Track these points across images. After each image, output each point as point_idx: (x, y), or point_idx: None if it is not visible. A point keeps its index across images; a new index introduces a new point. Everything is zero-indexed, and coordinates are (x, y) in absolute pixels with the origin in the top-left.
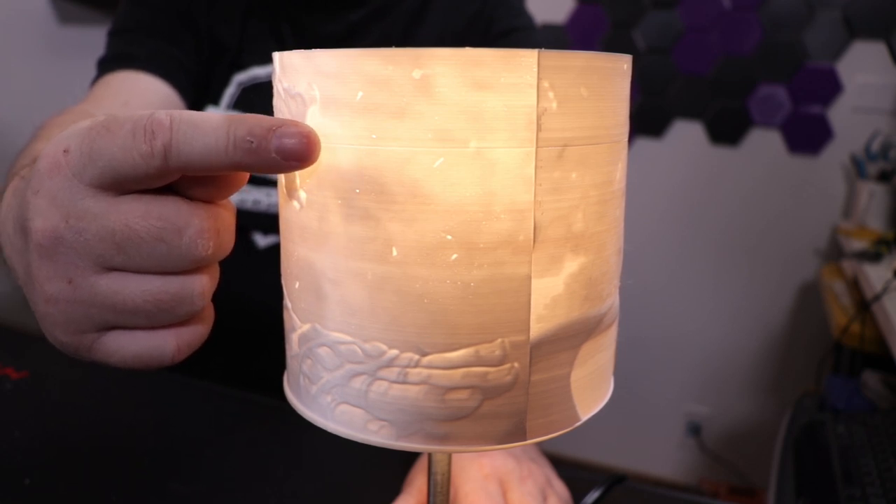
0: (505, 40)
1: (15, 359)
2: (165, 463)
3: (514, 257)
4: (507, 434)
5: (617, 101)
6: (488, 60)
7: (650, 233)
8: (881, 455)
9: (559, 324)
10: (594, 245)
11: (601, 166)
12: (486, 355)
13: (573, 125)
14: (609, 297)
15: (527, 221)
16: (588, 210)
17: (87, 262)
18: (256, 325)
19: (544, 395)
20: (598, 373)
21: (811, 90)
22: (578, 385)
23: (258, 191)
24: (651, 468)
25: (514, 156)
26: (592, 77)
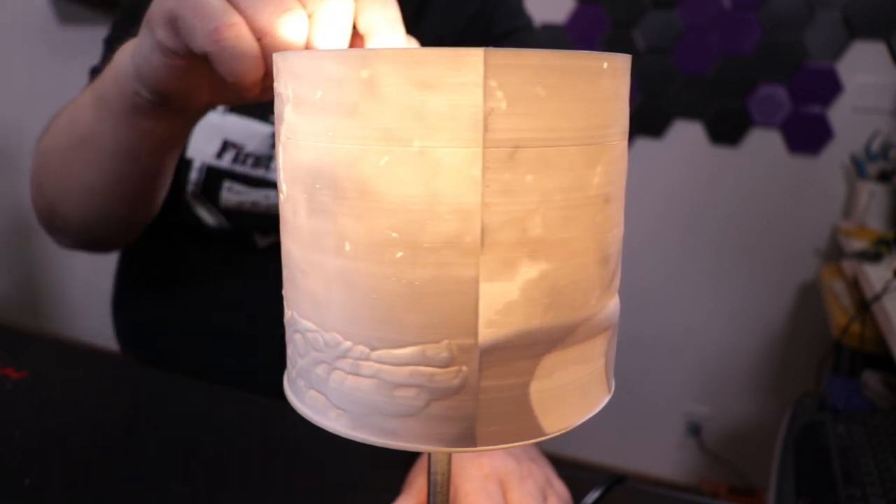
0: (504, 41)
1: (15, 359)
2: (165, 463)
3: (460, 259)
4: (455, 438)
5: (593, 101)
6: (433, 60)
7: (650, 233)
8: (881, 455)
9: (515, 331)
10: (559, 252)
11: (567, 169)
12: (433, 356)
13: (527, 126)
14: (585, 307)
15: (473, 223)
16: (550, 215)
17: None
18: (257, 324)
19: (497, 402)
20: (571, 387)
21: (811, 90)
22: (542, 397)
23: (257, 192)
24: (651, 468)
25: (460, 156)
26: (552, 76)
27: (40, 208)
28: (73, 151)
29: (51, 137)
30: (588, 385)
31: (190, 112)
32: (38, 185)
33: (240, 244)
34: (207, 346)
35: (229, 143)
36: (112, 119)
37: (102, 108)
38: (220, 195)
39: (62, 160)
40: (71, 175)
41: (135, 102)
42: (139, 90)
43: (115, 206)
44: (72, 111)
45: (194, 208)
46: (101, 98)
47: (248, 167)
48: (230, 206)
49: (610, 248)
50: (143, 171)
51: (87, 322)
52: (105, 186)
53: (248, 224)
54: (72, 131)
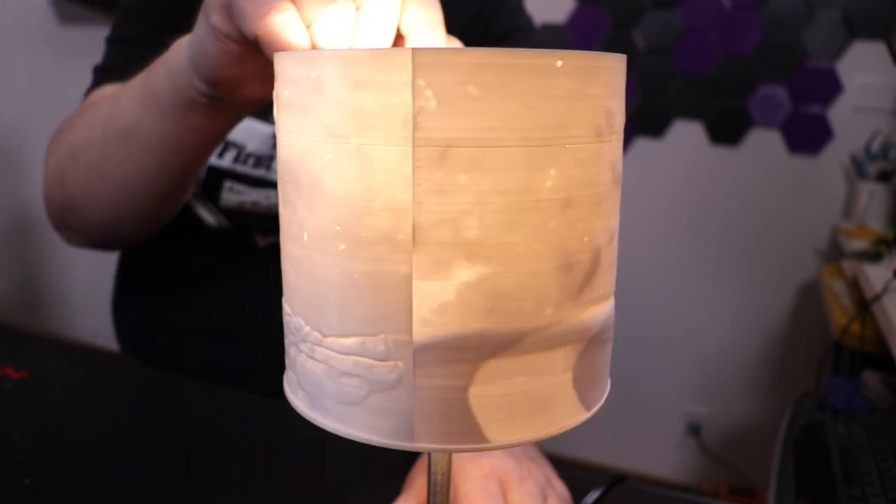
0: (504, 41)
1: (15, 359)
2: (165, 463)
3: (394, 255)
4: (393, 432)
5: (541, 101)
6: (366, 60)
7: (650, 233)
8: (881, 455)
9: (452, 333)
10: (501, 256)
11: (508, 171)
12: (372, 348)
13: (458, 125)
14: (537, 317)
15: (405, 221)
16: (488, 217)
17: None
18: (257, 324)
19: (434, 402)
20: (522, 398)
21: (811, 90)
22: (484, 404)
23: (258, 192)
24: (651, 468)
25: (392, 154)
26: (486, 75)
27: (57, 204)
28: (111, 145)
29: (82, 131)
30: (547, 400)
31: (241, 105)
32: (60, 182)
33: (240, 244)
34: (207, 346)
35: (230, 142)
36: (161, 113)
37: (151, 102)
38: (221, 195)
39: (98, 154)
40: (105, 169)
41: (187, 96)
42: (193, 82)
43: (146, 202)
44: (112, 106)
45: (195, 208)
46: (149, 92)
47: (248, 167)
48: (231, 205)
49: (576, 256)
50: (182, 167)
51: (87, 322)
52: (141, 181)
53: (248, 224)
54: (111, 125)
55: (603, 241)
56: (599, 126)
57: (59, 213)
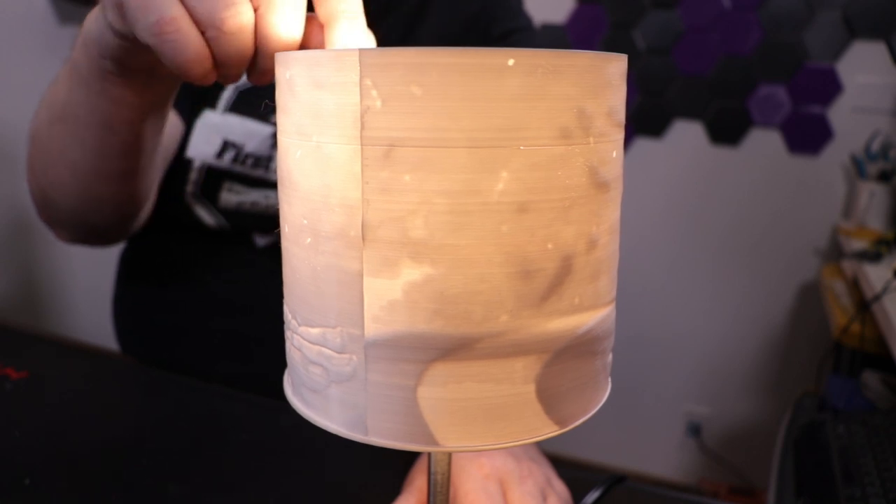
0: (504, 41)
1: (15, 359)
2: (165, 463)
3: (347, 251)
4: (350, 423)
5: (490, 101)
6: (323, 61)
7: (650, 233)
8: (881, 455)
9: (399, 331)
10: (447, 258)
11: (452, 172)
12: (331, 340)
13: (402, 125)
14: (489, 322)
15: (356, 218)
16: (433, 218)
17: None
18: (257, 325)
19: (385, 398)
20: (473, 404)
21: (811, 90)
22: (432, 406)
23: (257, 192)
24: (651, 468)
25: (344, 152)
26: (429, 75)
27: (35, 197)
28: (55, 126)
29: (36, 118)
30: (505, 409)
31: (160, 81)
32: (31, 172)
33: (239, 244)
34: (206, 345)
35: (229, 143)
36: (85, 87)
37: (76, 77)
38: (220, 195)
39: (47, 137)
40: (55, 152)
41: (101, 67)
42: (104, 55)
43: (100, 186)
44: (53, 85)
45: (194, 208)
46: (74, 67)
47: (247, 167)
48: (230, 206)
49: (536, 263)
50: (121, 144)
51: (87, 322)
52: (86, 163)
53: (247, 224)
54: (52, 106)
55: (577, 248)
56: (567, 128)
57: (39, 206)
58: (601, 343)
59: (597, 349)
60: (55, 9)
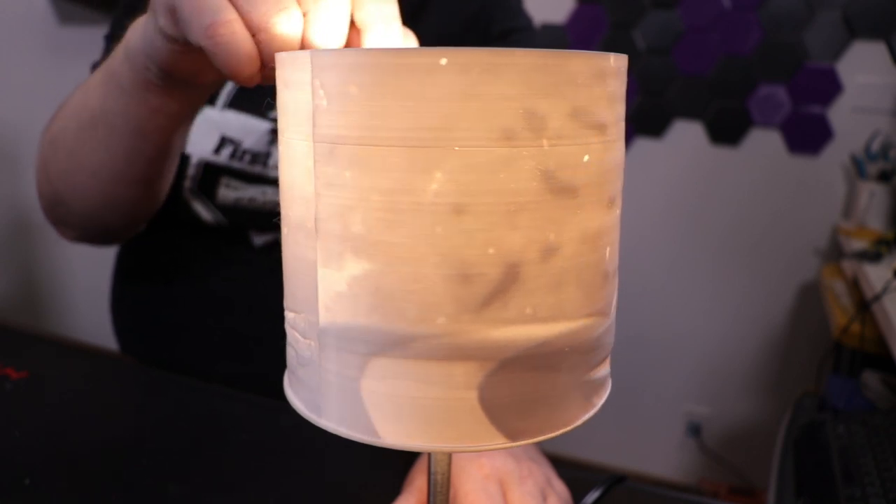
0: (503, 41)
1: (15, 359)
2: (165, 463)
3: (306, 241)
4: (308, 405)
5: (423, 100)
6: (286, 61)
7: (650, 232)
8: (881, 455)
9: (344, 323)
10: (382, 255)
11: (388, 171)
12: (298, 325)
13: (343, 123)
14: (424, 323)
15: (311, 210)
16: (370, 215)
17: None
18: (255, 323)
19: (335, 386)
20: (409, 403)
21: (811, 90)
22: (374, 400)
23: (254, 188)
24: (651, 468)
25: (302, 148)
26: (365, 74)
27: (46, 198)
28: (84, 132)
29: (60, 122)
30: (443, 412)
31: (199, 89)
32: (46, 174)
33: (238, 242)
34: (205, 344)
35: (227, 138)
36: (123, 95)
37: (113, 85)
38: (217, 191)
39: (73, 142)
40: (81, 157)
41: (145, 78)
42: (149, 66)
43: (122, 190)
44: (82, 93)
45: (191, 204)
46: (112, 75)
47: (245, 163)
48: (227, 202)
49: (475, 268)
50: (152, 150)
51: (87, 322)
52: (114, 167)
53: (244, 220)
54: (82, 112)
55: (526, 256)
56: (510, 129)
57: (49, 207)
58: (570, 359)
59: (562, 365)
60: (55, 9)
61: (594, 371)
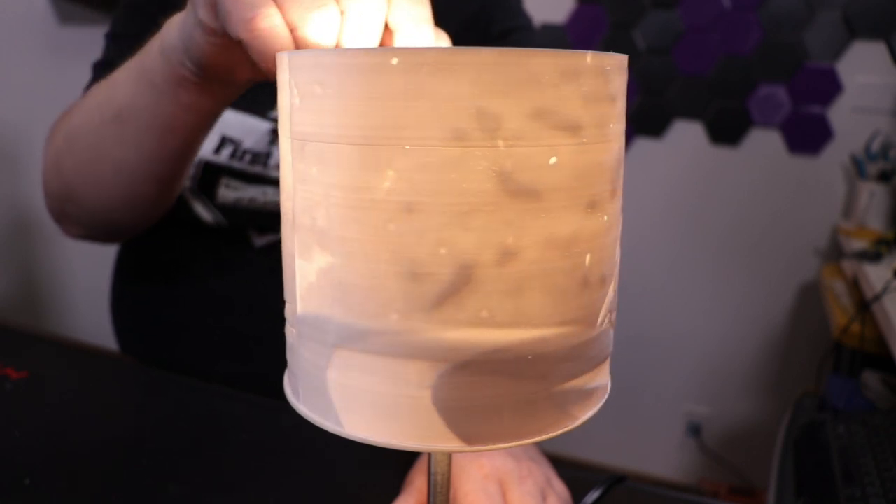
0: (503, 41)
1: (15, 359)
2: (165, 463)
3: (289, 233)
4: (292, 389)
5: (375, 100)
6: (278, 63)
7: (650, 232)
8: (881, 455)
9: (314, 313)
10: (342, 249)
11: (345, 168)
12: (287, 314)
13: (310, 121)
14: (380, 319)
15: (290, 203)
16: (332, 210)
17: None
18: (255, 322)
19: (309, 374)
20: (367, 397)
21: (811, 90)
22: (338, 390)
23: (254, 189)
24: (651, 468)
25: (286, 144)
26: (325, 75)
27: (55, 194)
28: (108, 128)
29: (78, 118)
30: (398, 409)
31: (233, 86)
32: (57, 169)
33: (238, 243)
34: (205, 344)
35: (227, 138)
36: (155, 92)
37: (144, 82)
38: (217, 191)
39: (95, 138)
40: (102, 153)
41: (180, 74)
42: (185, 61)
43: (143, 186)
44: (106, 89)
45: (192, 204)
46: (143, 71)
47: (245, 163)
48: (227, 202)
49: (426, 267)
50: (177, 148)
51: (87, 322)
52: (137, 163)
53: (245, 221)
54: (106, 107)
55: (481, 259)
56: (461, 129)
57: (58, 203)
58: (537, 367)
59: (528, 373)
60: (55, 9)
61: (573, 382)
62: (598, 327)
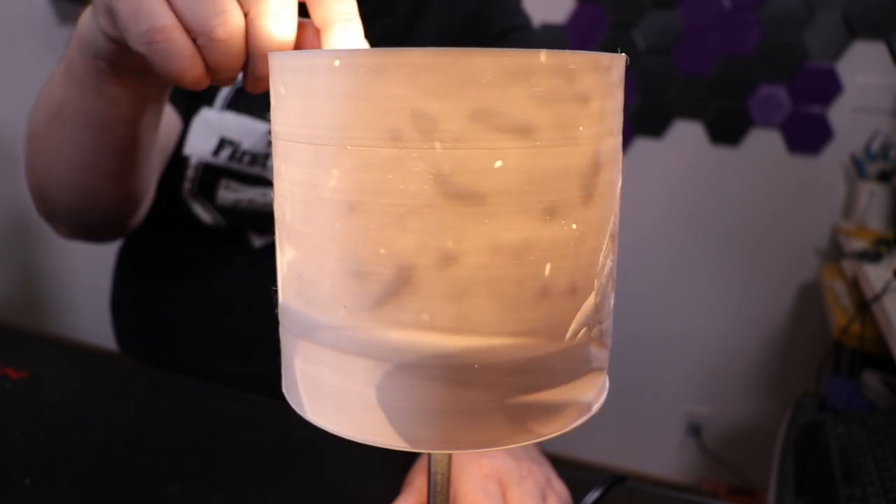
0: (502, 40)
1: (15, 359)
2: (165, 463)
3: (278, 229)
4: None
5: (322, 100)
6: None
7: (650, 233)
8: (881, 455)
9: (284, 303)
10: (301, 244)
11: (300, 166)
12: None
13: (279, 120)
14: (329, 313)
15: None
16: (294, 206)
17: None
18: (255, 323)
19: (286, 361)
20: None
21: (811, 90)
22: (303, 379)
23: (253, 190)
24: (651, 468)
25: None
26: (286, 76)
27: (33, 193)
28: (51, 125)
29: (33, 116)
30: (348, 403)
31: (152, 81)
32: (29, 169)
33: (237, 244)
34: (204, 345)
35: (226, 140)
36: (80, 86)
37: (70, 76)
38: (217, 193)
39: (44, 136)
40: (52, 151)
41: (97, 67)
42: (98, 56)
43: (97, 184)
44: (47, 86)
45: (191, 206)
46: (68, 66)
47: (244, 165)
48: (226, 203)
49: (368, 266)
50: (117, 141)
51: (87, 322)
52: (84, 160)
53: (244, 222)
54: (49, 104)
55: (420, 261)
56: (398, 130)
57: (37, 202)
58: (484, 377)
59: (474, 381)
60: (55, 9)
61: (532, 396)
62: (566, 341)
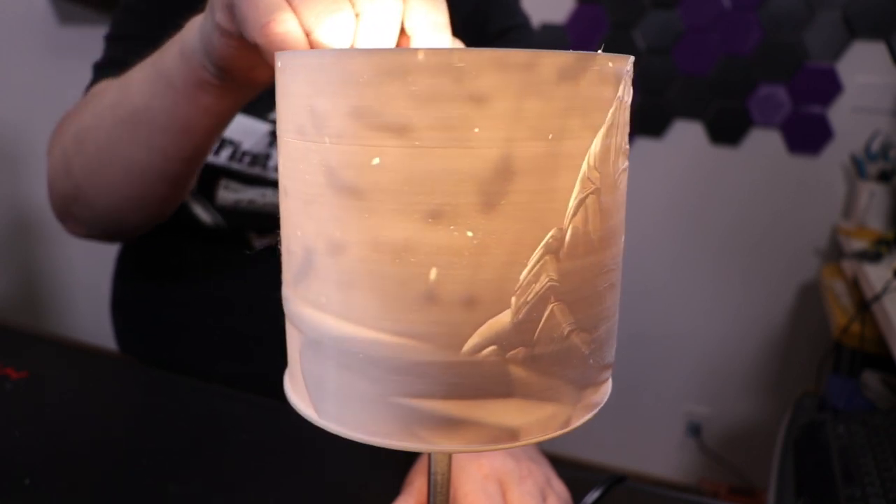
0: (501, 40)
1: (15, 359)
2: (165, 463)
3: None
4: None
5: (281, 97)
6: None
7: (650, 232)
8: (881, 455)
9: None
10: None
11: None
12: None
13: None
14: (284, 286)
15: None
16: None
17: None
18: (255, 323)
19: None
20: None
21: (811, 90)
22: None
23: (253, 190)
24: (651, 468)
25: None
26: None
27: (62, 194)
28: (120, 128)
29: (89, 118)
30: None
31: (252, 88)
32: (66, 169)
33: (237, 244)
34: (204, 345)
35: (226, 140)
36: (173, 94)
37: (162, 83)
38: (217, 193)
39: (106, 138)
40: (113, 153)
41: (200, 77)
42: (206, 65)
43: (153, 187)
44: (119, 89)
45: (191, 206)
46: (161, 73)
47: (244, 165)
48: (227, 203)
49: (289, 242)
50: (192, 149)
51: (87, 322)
52: (149, 164)
53: (244, 223)
54: (120, 108)
55: (317, 246)
56: (302, 125)
57: (64, 202)
58: (368, 370)
59: (362, 372)
60: (55, 9)
61: (418, 401)
62: (463, 354)
